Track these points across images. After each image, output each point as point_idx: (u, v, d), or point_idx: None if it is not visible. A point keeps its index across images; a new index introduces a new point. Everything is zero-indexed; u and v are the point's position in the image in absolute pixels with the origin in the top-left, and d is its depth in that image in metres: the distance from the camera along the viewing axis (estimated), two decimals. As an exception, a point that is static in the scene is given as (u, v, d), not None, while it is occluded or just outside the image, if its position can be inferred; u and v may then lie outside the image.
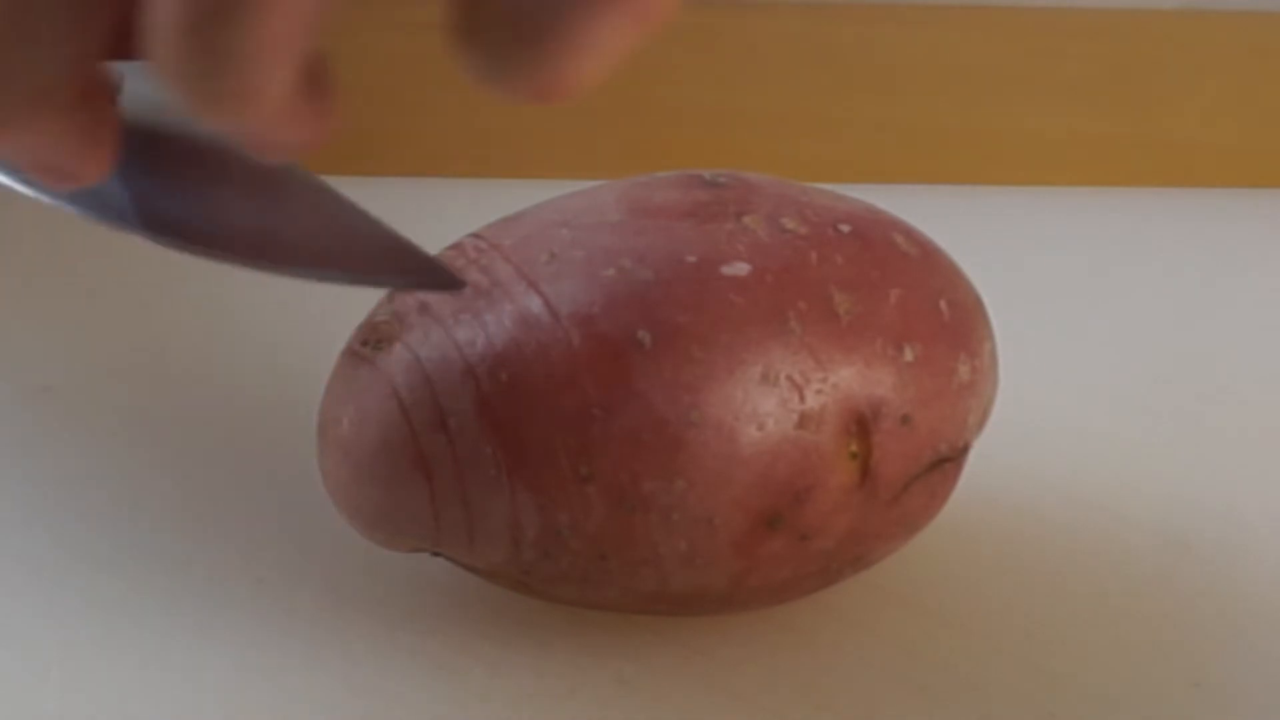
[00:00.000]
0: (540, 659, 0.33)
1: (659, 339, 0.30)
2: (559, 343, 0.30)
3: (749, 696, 0.32)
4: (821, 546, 0.31)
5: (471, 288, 0.31)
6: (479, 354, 0.31)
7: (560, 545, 0.31)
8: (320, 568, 0.35)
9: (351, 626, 0.33)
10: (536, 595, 0.32)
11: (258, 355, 0.41)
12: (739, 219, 0.32)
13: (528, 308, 0.31)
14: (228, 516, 0.36)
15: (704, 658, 0.33)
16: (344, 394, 0.32)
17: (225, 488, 0.37)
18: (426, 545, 0.32)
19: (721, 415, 0.30)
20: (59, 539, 0.36)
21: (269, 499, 0.37)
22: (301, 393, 0.35)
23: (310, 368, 0.35)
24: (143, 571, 0.35)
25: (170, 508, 0.37)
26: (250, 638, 0.33)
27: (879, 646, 0.33)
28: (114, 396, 0.40)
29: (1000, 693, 0.32)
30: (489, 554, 0.31)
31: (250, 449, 0.38)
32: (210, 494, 0.37)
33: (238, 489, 0.37)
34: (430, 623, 0.33)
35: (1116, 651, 0.33)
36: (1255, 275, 0.51)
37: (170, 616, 0.34)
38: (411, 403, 0.31)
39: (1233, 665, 0.33)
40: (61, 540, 0.36)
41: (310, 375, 0.34)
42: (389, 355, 0.31)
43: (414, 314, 0.32)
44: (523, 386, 0.30)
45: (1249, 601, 0.35)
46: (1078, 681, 0.33)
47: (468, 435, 0.30)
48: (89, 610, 0.34)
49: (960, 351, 0.32)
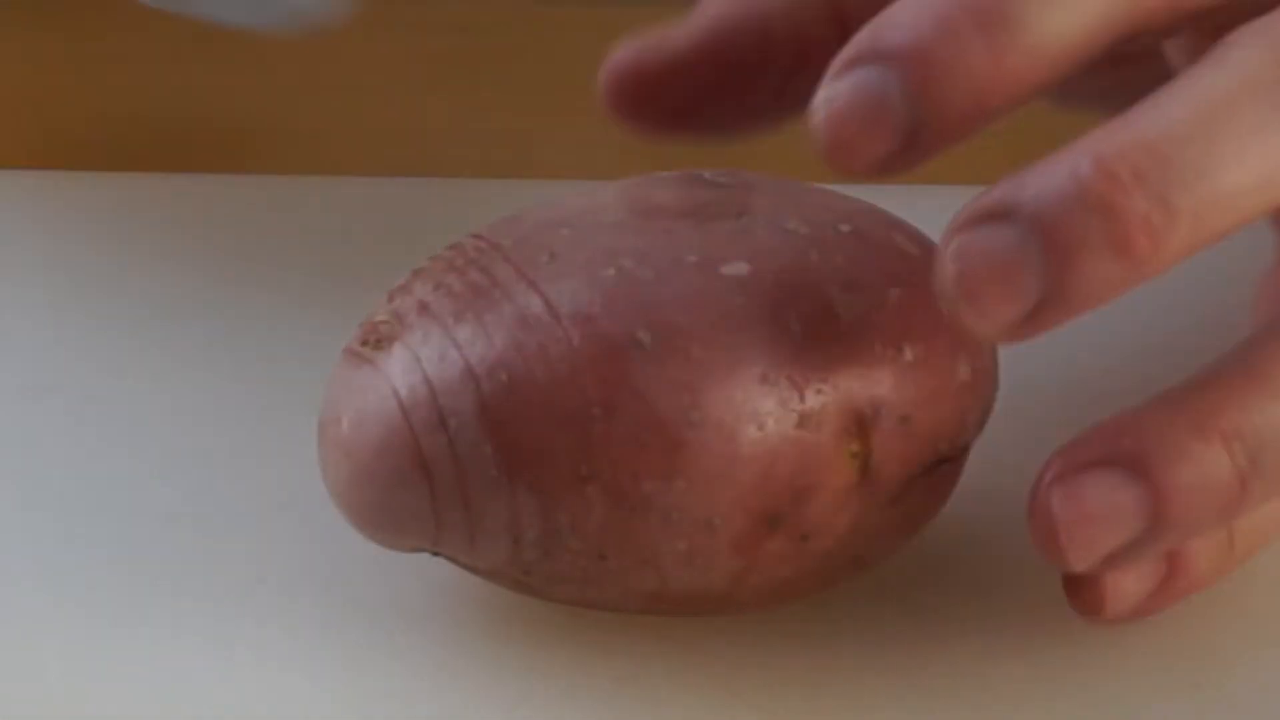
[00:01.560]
0: (539, 659, 0.33)
1: (659, 339, 0.30)
2: (559, 342, 0.30)
3: (749, 696, 0.32)
4: (821, 546, 0.31)
5: (471, 288, 0.31)
6: (479, 354, 0.31)
7: (560, 545, 0.31)
8: (320, 568, 0.35)
9: (351, 626, 0.33)
10: (536, 595, 0.32)
11: (258, 355, 0.41)
12: (739, 219, 0.32)
13: (528, 307, 0.31)
14: (228, 516, 0.36)
15: (704, 658, 0.33)
16: (343, 394, 0.32)
17: (225, 487, 0.37)
18: (427, 545, 0.32)
19: (722, 415, 0.30)
20: (58, 539, 0.36)
21: (269, 499, 0.37)
22: (302, 393, 0.35)
23: (310, 368, 0.35)
24: (142, 572, 0.35)
25: (169, 508, 0.37)
26: (250, 638, 0.33)
27: (879, 646, 0.33)
28: (114, 396, 0.40)
29: (1000, 693, 0.32)
30: (489, 554, 0.31)
31: (250, 449, 0.38)
32: (210, 494, 0.37)
33: (238, 489, 0.37)
34: (430, 622, 0.33)
35: (1116, 652, 0.33)
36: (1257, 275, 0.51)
37: (169, 617, 0.34)
38: (411, 403, 0.31)
39: (1232, 666, 0.33)
40: (60, 541, 0.36)
41: (310, 375, 0.34)
42: (388, 355, 0.31)
43: (414, 314, 0.32)
44: (523, 386, 0.30)
45: (1249, 602, 0.35)
46: (1077, 682, 0.32)
47: (468, 435, 0.30)
48: (88, 611, 0.34)
49: (960, 351, 0.32)
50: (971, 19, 0.29)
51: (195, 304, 0.43)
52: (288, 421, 0.37)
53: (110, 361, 0.41)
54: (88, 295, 0.43)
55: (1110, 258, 0.28)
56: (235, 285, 0.42)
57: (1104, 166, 0.28)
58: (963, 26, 0.29)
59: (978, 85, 0.29)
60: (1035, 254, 0.28)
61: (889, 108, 0.29)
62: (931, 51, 0.29)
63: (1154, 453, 0.30)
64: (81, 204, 0.43)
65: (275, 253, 0.39)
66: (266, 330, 0.42)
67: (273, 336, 0.42)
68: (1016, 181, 0.29)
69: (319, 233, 0.46)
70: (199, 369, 0.41)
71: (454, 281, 0.32)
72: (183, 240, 0.46)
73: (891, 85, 0.29)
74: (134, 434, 0.39)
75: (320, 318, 0.39)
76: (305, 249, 0.39)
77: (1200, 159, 0.29)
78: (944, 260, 0.29)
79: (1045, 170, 0.29)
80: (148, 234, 0.38)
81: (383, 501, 0.31)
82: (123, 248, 0.43)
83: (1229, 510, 0.30)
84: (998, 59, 0.29)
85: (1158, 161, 0.28)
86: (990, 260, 0.28)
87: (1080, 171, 0.28)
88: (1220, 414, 0.30)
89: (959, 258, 0.29)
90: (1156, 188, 0.28)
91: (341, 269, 0.45)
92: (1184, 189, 0.28)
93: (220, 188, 0.48)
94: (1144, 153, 0.28)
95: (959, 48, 0.29)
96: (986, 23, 0.29)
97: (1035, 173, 0.29)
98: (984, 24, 0.29)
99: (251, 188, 0.48)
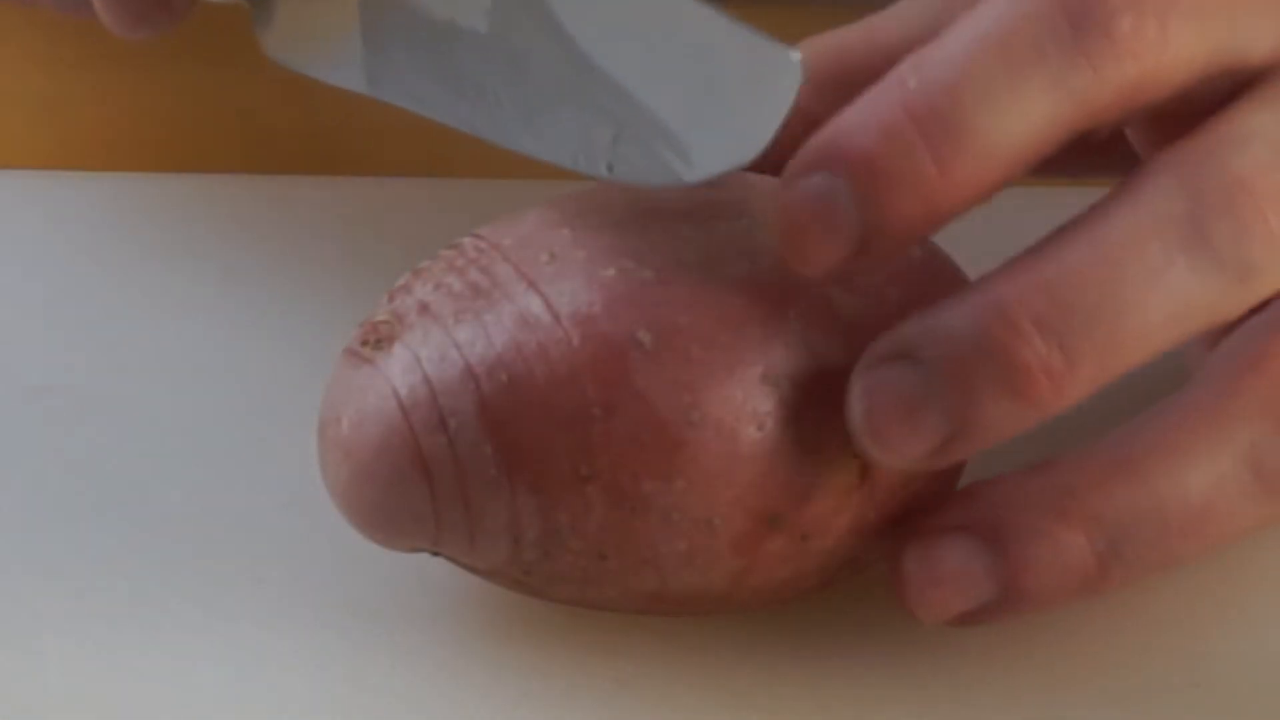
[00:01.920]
0: (540, 659, 0.33)
1: (659, 339, 0.30)
2: (559, 343, 0.30)
3: (749, 696, 0.32)
4: (821, 546, 0.31)
5: (471, 288, 0.31)
6: (479, 354, 0.31)
7: (560, 545, 0.31)
8: (320, 568, 0.35)
9: (351, 626, 0.33)
10: (536, 595, 0.32)
11: (259, 354, 0.41)
12: (739, 219, 0.32)
13: (528, 308, 0.31)
14: (228, 516, 0.36)
15: (704, 657, 0.33)
16: (343, 394, 0.32)
17: (225, 487, 0.37)
18: (427, 545, 0.32)
19: (722, 415, 0.30)
20: (57, 540, 0.36)
21: (269, 499, 0.37)
22: (302, 392, 0.35)
23: (311, 367, 0.35)
24: (142, 572, 0.35)
25: (169, 508, 0.37)
26: (250, 638, 0.33)
27: (879, 646, 0.33)
28: (114, 396, 0.40)
29: (999, 693, 0.32)
30: (489, 554, 0.31)
31: (251, 449, 0.38)
32: (210, 494, 0.37)
33: (238, 489, 0.37)
34: (430, 622, 0.33)
35: (1115, 651, 0.33)
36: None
37: (169, 617, 0.34)
38: (411, 403, 0.31)
39: (1232, 665, 0.33)
40: (60, 541, 0.36)
41: (311, 375, 0.34)
42: (388, 355, 0.31)
43: (414, 314, 0.32)
44: (523, 387, 0.30)
45: (1249, 602, 0.35)
46: (1077, 681, 0.33)
47: (468, 435, 0.30)
48: (88, 611, 0.34)
49: (960, 352, 0.32)
50: (918, 128, 0.29)
51: (196, 303, 0.43)
52: (288, 421, 0.37)
53: (111, 361, 0.41)
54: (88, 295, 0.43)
55: (1010, 401, 0.29)
56: (236, 285, 0.42)
57: (1004, 314, 0.29)
58: (910, 135, 0.29)
59: (926, 193, 0.29)
60: (939, 396, 0.29)
61: (840, 214, 0.29)
62: (879, 162, 0.29)
63: (1011, 528, 0.30)
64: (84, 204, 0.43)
65: (276, 252, 0.39)
66: (267, 330, 0.42)
67: (273, 336, 0.42)
68: (922, 323, 0.29)
69: (320, 232, 0.46)
70: (199, 369, 0.41)
71: (454, 281, 0.32)
72: (184, 240, 0.46)
73: (841, 193, 0.29)
74: (134, 434, 0.39)
75: (321, 317, 0.39)
76: (306, 248, 0.39)
77: (1102, 302, 0.29)
78: (853, 397, 0.30)
79: (949, 314, 0.29)
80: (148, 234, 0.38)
81: (383, 501, 0.31)
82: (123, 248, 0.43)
83: (1087, 589, 0.31)
84: (945, 168, 0.29)
85: (1059, 307, 0.29)
86: (895, 401, 0.29)
87: (981, 318, 0.29)
88: (1085, 497, 0.30)
89: (865, 396, 0.30)
90: (1057, 333, 0.29)
91: (342, 269, 0.45)
92: (1085, 334, 0.29)
93: (221, 188, 0.48)
94: (1045, 298, 0.29)
95: (906, 158, 0.29)
96: (933, 132, 0.29)
97: (940, 315, 0.29)
98: (930, 134, 0.29)
99: (252, 188, 0.48)
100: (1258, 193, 0.30)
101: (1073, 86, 0.29)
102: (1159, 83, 0.30)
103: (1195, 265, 0.29)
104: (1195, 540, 0.31)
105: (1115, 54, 0.29)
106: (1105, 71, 0.29)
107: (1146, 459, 0.31)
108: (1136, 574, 0.31)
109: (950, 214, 0.30)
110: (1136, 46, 0.29)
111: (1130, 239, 0.29)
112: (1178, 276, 0.29)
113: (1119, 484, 0.30)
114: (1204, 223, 0.29)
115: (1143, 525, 0.30)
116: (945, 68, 0.29)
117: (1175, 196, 0.30)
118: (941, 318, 0.29)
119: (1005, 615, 0.31)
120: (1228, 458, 0.31)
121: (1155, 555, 0.31)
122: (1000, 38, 0.29)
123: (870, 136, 0.29)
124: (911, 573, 0.31)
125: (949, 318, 0.29)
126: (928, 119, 0.29)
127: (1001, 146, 0.29)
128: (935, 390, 0.29)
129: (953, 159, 0.29)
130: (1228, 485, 0.31)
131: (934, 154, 0.29)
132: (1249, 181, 0.30)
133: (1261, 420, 0.31)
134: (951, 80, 0.29)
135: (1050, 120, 0.29)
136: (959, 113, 0.29)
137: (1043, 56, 0.29)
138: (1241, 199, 0.29)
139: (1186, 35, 0.30)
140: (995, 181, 0.30)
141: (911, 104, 0.29)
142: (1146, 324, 0.29)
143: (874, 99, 0.29)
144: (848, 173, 0.29)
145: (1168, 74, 0.30)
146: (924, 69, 0.29)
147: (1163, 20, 0.30)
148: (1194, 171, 0.30)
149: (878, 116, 0.29)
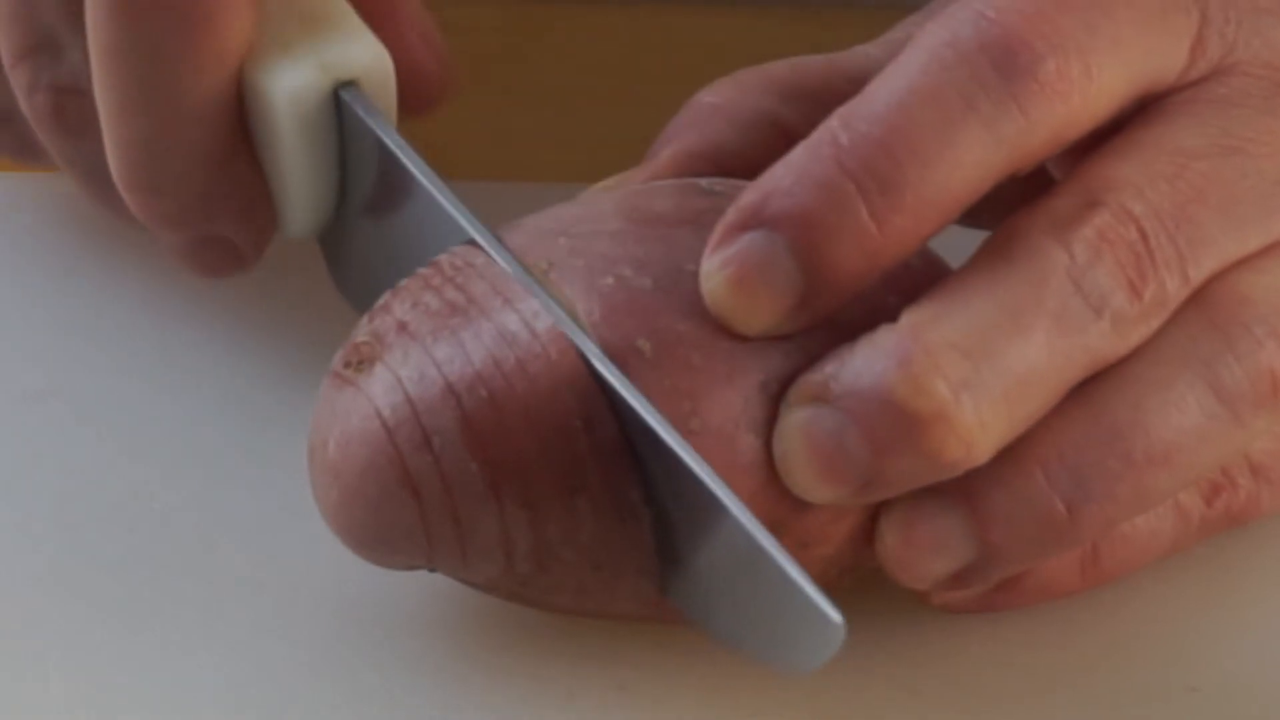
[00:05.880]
0: (539, 665, 0.33)
1: (659, 347, 0.30)
2: (537, 358, 0.30)
3: (748, 701, 0.32)
4: (820, 554, 0.31)
5: (448, 305, 0.31)
6: (457, 372, 0.31)
7: (553, 557, 0.31)
8: (320, 574, 0.35)
9: (351, 633, 0.34)
10: (534, 605, 0.32)
11: (258, 359, 0.41)
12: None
13: (504, 324, 0.31)
14: (227, 523, 0.36)
15: (703, 663, 0.33)
16: (329, 417, 0.32)
17: (224, 494, 0.37)
18: (421, 562, 0.32)
19: (722, 422, 0.30)
20: (57, 542, 0.36)
21: (267, 505, 0.37)
22: (301, 397, 0.35)
23: (310, 371, 0.35)
24: (142, 576, 0.35)
25: (169, 512, 0.37)
26: (250, 644, 0.33)
27: (878, 650, 0.33)
28: (114, 399, 0.40)
29: (998, 695, 0.32)
30: (484, 568, 0.31)
31: (249, 455, 0.38)
32: (209, 500, 0.37)
33: (236, 495, 0.37)
34: (429, 629, 0.34)
35: (1113, 654, 0.33)
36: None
37: (169, 621, 0.34)
38: (395, 423, 0.31)
39: (1230, 669, 0.33)
40: (59, 544, 0.36)
41: (310, 379, 0.34)
42: (370, 376, 0.31)
43: (393, 333, 0.31)
44: (504, 402, 0.30)
45: (1248, 604, 0.35)
46: (1074, 684, 0.33)
47: (453, 453, 0.30)
48: (88, 614, 0.34)
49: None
50: (853, 182, 0.29)
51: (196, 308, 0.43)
52: (287, 427, 0.37)
53: (111, 366, 0.41)
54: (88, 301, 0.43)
55: (918, 456, 0.29)
56: (236, 289, 0.42)
57: (910, 374, 0.29)
58: (846, 190, 0.29)
59: (864, 245, 0.29)
60: (852, 445, 0.29)
61: (779, 270, 0.30)
62: (816, 217, 0.29)
63: (975, 482, 0.30)
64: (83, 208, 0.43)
65: (276, 254, 0.39)
66: (267, 334, 0.42)
67: (273, 340, 0.42)
68: (836, 369, 0.30)
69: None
70: (199, 374, 0.41)
71: (431, 299, 0.32)
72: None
73: (779, 248, 0.30)
74: (133, 439, 0.39)
75: (321, 320, 0.39)
76: (307, 250, 0.39)
77: (1006, 359, 0.29)
78: (776, 436, 0.30)
79: (861, 363, 0.29)
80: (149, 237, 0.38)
81: (373, 521, 0.31)
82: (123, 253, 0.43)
83: (1062, 535, 0.30)
84: (881, 220, 0.29)
85: (966, 361, 0.29)
86: (810, 444, 0.30)
87: (887, 377, 0.29)
88: (1037, 437, 0.30)
89: (782, 439, 0.30)
90: (958, 385, 0.29)
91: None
92: (988, 393, 0.29)
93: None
94: (954, 354, 0.29)
95: (844, 213, 0.29)
96: (868, 187, 0.29)
97: (852, 362, 0.30)
98: (865, 188, 0.29)
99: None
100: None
101: (1003, 134, 0.30)
102: (1085, 118, 0.30)
103: (1087, 313, 0.30)
104: (1165, 470, 0.30)
105: (1044, 97, 0.29)
106: (1034, 115, 0.30)
107: (1097, 390, 0.30)
108: (1111, 513, 0.30)
109: (890, 263, 0.30)
110: (1063, 87, 0.30)
111: (1028, 297, 0.30)
112: (1074, 321, 0.30)
113: (1072, 420, 0.30)
114: (1085, 277, 0.30)
115: (1104, 459, 0.30)
116: (876, 122, 0.29)
117: (1057, 257, 0.30)
118: (856, 365, 0.30)
119: (992, 573, 0.31)
120: (1183, 381, 0.30)
121: (1126, 490, 0.30)
122: (929, 90, 0.30)
123: (807, 193, 0.29)
124: (891, 540, 0.31)
125: (861, 367, 0.29)
126: (861, 174, 0.29)
127: (937, 196, 0.29)
128: (849, 439, 0.29)
129: (889, 213, 0.29)
130: (1188, 408, 0.30)
131: (870, 209, 0.29)
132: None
133: (1210, 338, 0.31)
134: (883, 135, 0.29)
135: (983, 166, 0.30)
136: (893, 168, 0.29)
137: (972, 106, 0.29)
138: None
139: (1109, 70, 0.30)
140: (932, 230, 0.30)
141: (845, 160, 0.29)
142: (1050, 372, 0.30)
143: (806, 155, 0.30)
144: (786, 229, 0.29)
145: (1093, 109, 0.30)
146: (854, 123, 0.30)
147: (1085, 59, 0.30)
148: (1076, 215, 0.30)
149: (812, 173, 0.29)
